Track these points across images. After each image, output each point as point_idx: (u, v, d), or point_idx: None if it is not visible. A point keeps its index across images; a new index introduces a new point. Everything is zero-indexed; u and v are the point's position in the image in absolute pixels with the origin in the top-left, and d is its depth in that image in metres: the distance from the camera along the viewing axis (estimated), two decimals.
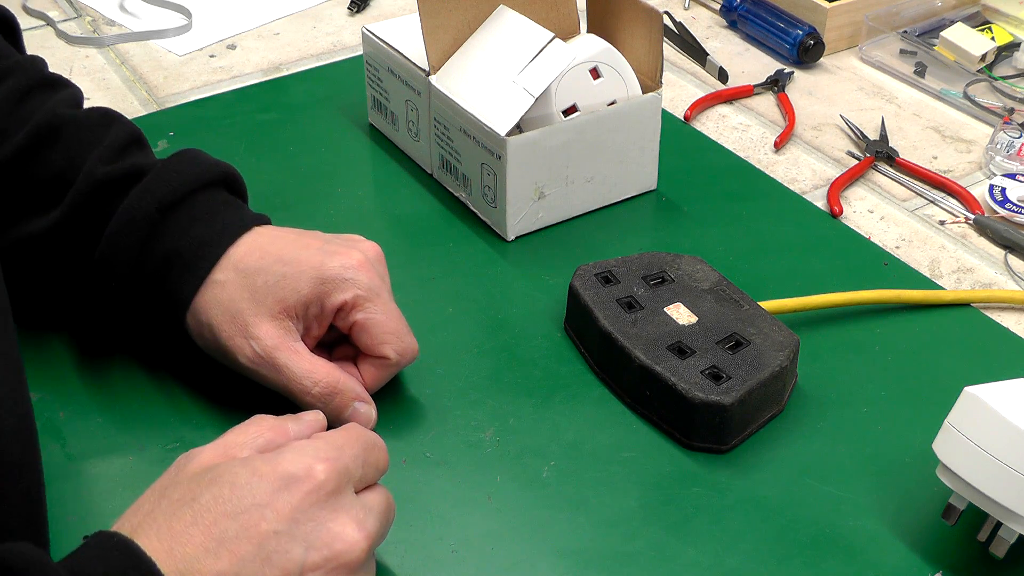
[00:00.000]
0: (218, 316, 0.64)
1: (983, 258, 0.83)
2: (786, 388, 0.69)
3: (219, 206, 0.67)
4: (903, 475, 0.65)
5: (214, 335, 0.65)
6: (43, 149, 0.68)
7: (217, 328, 0.64)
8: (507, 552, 0.60)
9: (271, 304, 0.64)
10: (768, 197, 0.88)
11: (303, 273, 0.64)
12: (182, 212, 0.66)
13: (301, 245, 0.66)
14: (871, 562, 0.60)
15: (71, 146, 0.68)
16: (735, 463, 0.65)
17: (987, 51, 1.02)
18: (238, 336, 0.64)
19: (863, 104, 1.00)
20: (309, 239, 0.67)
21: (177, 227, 0.66)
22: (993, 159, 0.92)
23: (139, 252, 0.66)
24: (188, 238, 0.66)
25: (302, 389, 0.64)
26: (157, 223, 0.66)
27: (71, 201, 0.66)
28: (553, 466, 0.65)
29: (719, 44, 1.10)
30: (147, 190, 0.66)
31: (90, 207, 0.66)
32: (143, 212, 0.65)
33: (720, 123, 0.98)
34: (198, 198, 0.67)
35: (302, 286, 0.64)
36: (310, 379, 0.64)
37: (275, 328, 0.64)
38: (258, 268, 0.65)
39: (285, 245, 0.66)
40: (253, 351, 0.64)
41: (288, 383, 0.64)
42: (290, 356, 0.64)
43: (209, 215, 0.66)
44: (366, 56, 0.91)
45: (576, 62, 0.79)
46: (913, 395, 0.70)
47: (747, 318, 0.69)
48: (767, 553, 0.60)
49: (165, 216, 0.66)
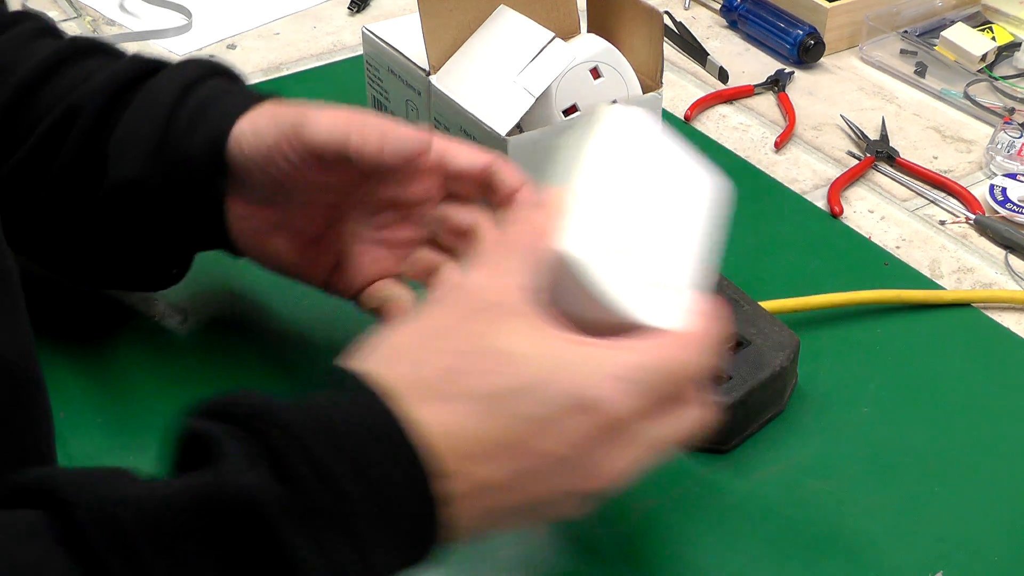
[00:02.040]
0: (270, 124, 0.61)
1: (983, 258, 0.83)
2: (786, 388, 0.69)
3: (234, 87, 0.66)
4: (903, 475, 0.65)
5: (268, 138, 0.61)
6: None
7: (272, 129, 0.61)
8: (507, 552, 0.60)
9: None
10: (768, 197, 0.88)
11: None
12: (199, 90, 0.64)
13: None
14: (871, 562, 0.60)
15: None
16: (735, 463, 0.65)
17: (987, 51, 1.02)
18: (297, 123, 0.60)
19: (863, 104, 1.00)
20: None
21: (197, 97, 0.63)
22: (993, 159, 0.92)
23: (167, 118, 0.63)
24: (212, 102, 0.63)
25: (399, 143, 0.59)
26: (177, 100, 0.63)
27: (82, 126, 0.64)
28: None
29: (719, 44, 1.09)
30: (163, 78, 0.64)
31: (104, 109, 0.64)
32: (163, 95, 0.63)
33: (720, 123, 0.98)
34: (208, 82, 0.65)
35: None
36: (405, 131, 0.60)
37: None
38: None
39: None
40: (322, 121, 0.59)
41: (380, 138, 0.59)
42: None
43: (225, 90, 0.65)
44: (366, 56, 0.91)
45: (576, 62, 0.79)
46: (913, 395, 0.70)
47: (747, 318, 0.69)
48: (767, 553, 0.60)
49: (187, 92, 0.64)
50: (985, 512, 0.63)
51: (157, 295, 0.74)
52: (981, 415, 0.69)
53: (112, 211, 0.64)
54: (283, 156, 0.60)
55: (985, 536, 0.62)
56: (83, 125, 0.63)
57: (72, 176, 0.64)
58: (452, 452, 0.44)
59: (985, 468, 0.66)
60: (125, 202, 0.63)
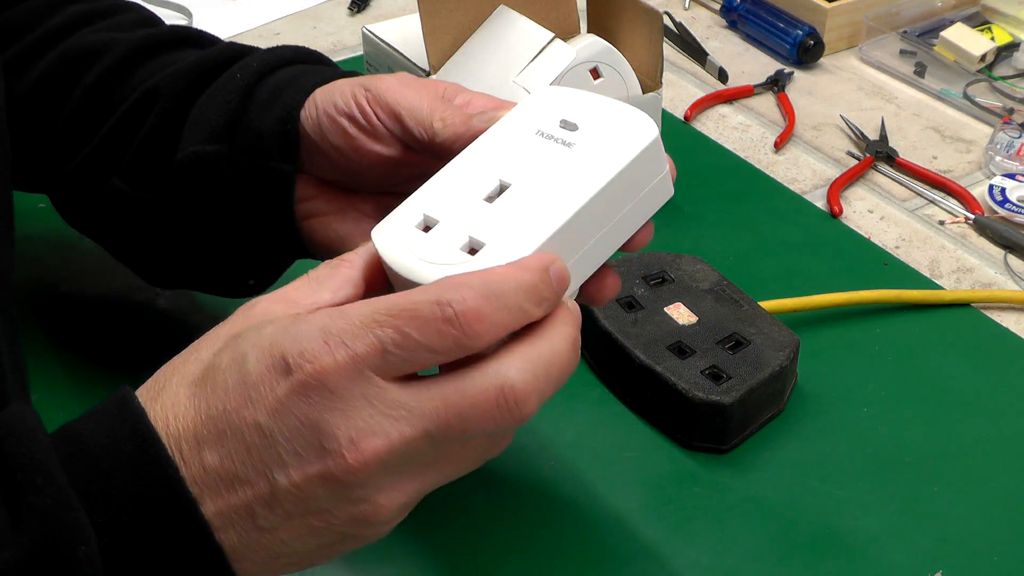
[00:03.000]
0: (345, 83, 0.59)
1: (983, 258, 0.83)
2: (786, 388, 0.69)
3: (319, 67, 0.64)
4: (903, 475, 0.65)
5: (338, 108, 0.58)
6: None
7: (347, 85, 0.59)
8: (507, 552, 0.60)
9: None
10: (768, 197, 0.88)
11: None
12: (282, 71, 0.62)
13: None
14: (871, 562, 0.60)
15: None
16: (735, 463, 0.65)
17: (987, 51, 1.02)
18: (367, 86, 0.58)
19: (863, 104, 1.00)
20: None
21: (278, 77, 0.62)
22: (993, 159, 0.92)
23: (241, 96, 0.61)
24: (292, 80, 0.61)
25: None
26: (257, 79, 0.62)
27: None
28: (553, 466, 0.65)
29: (719, 44, 1.09)
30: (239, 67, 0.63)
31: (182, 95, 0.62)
32: (244, 75, 0.62)
33: (720, 123, 0.98)
34: (294, 65, 0.63)
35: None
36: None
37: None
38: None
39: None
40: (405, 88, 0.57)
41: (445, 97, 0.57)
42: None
43: (309, 70, 0.63)
44: (366, 56, 0.91)
45: (576, 62, 0.79)
46: (913, 395, 0.70)
47: (747, 318, 0.69)
48: (767, 553, 0.60)
49: (269, 71, 0.62)
50: (985, 512, 0.63)
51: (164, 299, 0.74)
52: (981, 415, 0.69)
53: (181, 190, 0.61)
54: (360, 110, 0.57)
55: (985, 536, 0.62)
56: (161, 107, 0.62)
57: (147, 157, 0.62)
58: (171, 438, 0.42)
59: (985, 468, 0.66)
60: (193, 179, 0.61)
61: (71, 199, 0.67)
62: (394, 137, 0.58)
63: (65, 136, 0.65)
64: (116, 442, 0.42)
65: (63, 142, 0.65)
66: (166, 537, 0.41)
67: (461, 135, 0.54)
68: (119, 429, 0.42)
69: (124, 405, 0.43)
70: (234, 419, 0.42)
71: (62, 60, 0.65)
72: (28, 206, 0.82)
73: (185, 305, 0.75)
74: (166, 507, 0.41)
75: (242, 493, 0.42)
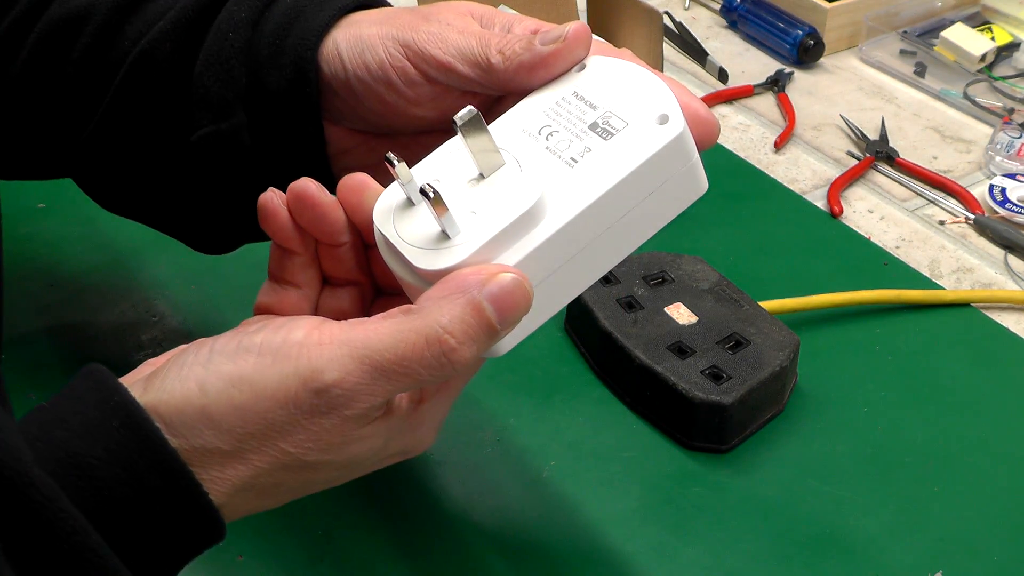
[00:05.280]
0: (375, 36, 0.53)
1: (983, 258, 0.83)
2: (786, 388, 0.69)
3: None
4: (903, 475, 0.65)
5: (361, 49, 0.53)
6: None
7: (364, 40, 0.53)
8: (507, 552, 0.60)
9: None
10: (768, 197, 0.88)
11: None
12: (275, 8, 0.57)
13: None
14: (871, 562, 0.60)
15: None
16: (735, 463, 0.65)
17: (987, 51, 1.02)
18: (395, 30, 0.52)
19: (863, 104, 1.00)
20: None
21: (274, 20, 0.57)
22: (993, 159, 0.92)
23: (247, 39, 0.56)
24: (291, 22, 0.56)
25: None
26: (252, 28, 0.57)
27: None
28: (553, 466, 0.65)
29: (719, 44, 1.10)
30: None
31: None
32: (238, 30, 0.56)
33: (720, 123, 0.97)
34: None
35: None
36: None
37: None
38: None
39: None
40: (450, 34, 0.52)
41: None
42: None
43: (303, 5, 0.57)
44: None
45: None
46: (913, 395, 0.70)
47: (747, 318, 0.69)
48: (767, 553, 0.60)
49: (261, 16, 0.57)
50: (985, 512, 0.63)
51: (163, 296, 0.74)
52: (981, 415, 0.69)
53: (203, 166, 0.58)
54: (401, 73, 0.52)
55: (985, 536, 0.62)
56: (158, 77, 0.58)
57: (156, 133, 0.59)
58: (177, 415, 0.43)
59: (985, 468, 0.66)
60: (214, 156, 0.57)
61: (93, 177, 0.63)
62: (444, 90, 0.53)
63: (68, 112, 0.61)
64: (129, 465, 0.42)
65: (67, 118, 0.62)
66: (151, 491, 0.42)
67: (525, 64, 0.50)
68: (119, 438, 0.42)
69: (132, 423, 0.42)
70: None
71: (47, 34, 0.61)
72: (28, 206, 0.82)
73: (185, 305, 0.75)
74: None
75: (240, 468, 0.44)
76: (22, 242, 0.80)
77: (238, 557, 0.59)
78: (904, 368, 0.72)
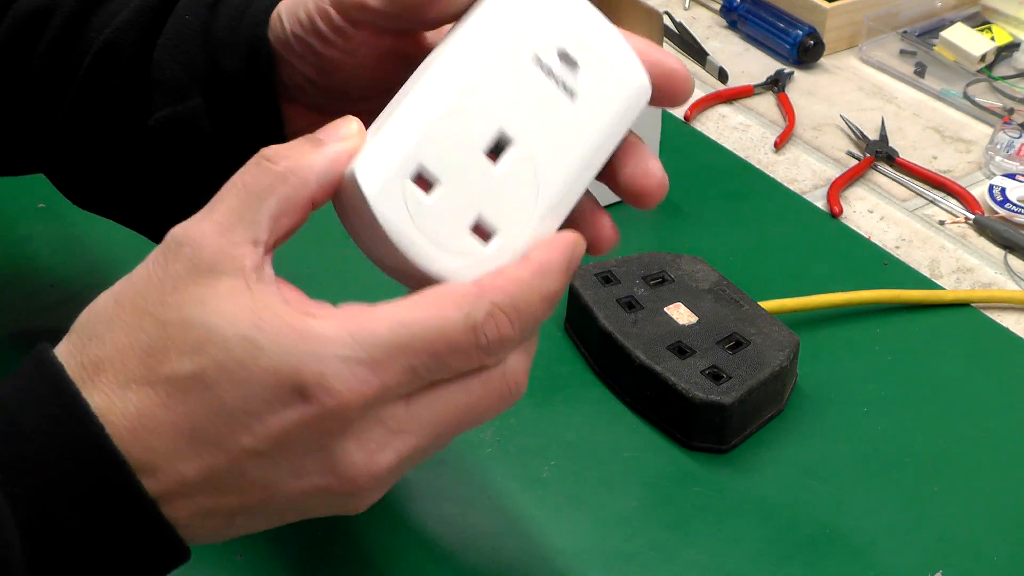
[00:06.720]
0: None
1: (983, 258, 0.83)
2: (786, 388, 0.69)
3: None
4: (903, 475, 0.65)
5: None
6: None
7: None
8: (507, 552, 0.60)
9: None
10: (768, 197, 0.88)
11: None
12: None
13: None
14: (871, 562, 0.60)
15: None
16: (735, 463, 0.65)
17: (987, 51, 1.02)
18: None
19: (863, 104, 1.00)
20: None
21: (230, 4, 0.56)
22: (993, 159, 0.92)
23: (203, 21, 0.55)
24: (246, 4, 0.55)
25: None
26: (208, 15, 0.56)
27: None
28: (553, 466, 0.65)
29: (719, 44, 1.10)
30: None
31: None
32: (193, 17, 0.56)
33: (720, 123, 0.98)
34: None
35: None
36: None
37: None
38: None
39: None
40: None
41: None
42: None
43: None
44: None
45: None
46: (913, 395, 0.70)
47: (747, 318, 0.69)
48: (767, 553, 0.60)
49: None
50: (985, 512, 0.63)
51: None
52: (981, 415, 0.69)
53: (162, 151, 0.57)
54: (324, 18, 0.50)
55: (985, 536, 0.62)
56: (121, 65, 0.57)
57: (120, 121, 0.58)
58: (139, 444, 0.40)
59: (985, 468, 0.66)
60: (172, 139, 0.56)
61: (63, 171, 0.63)
62: (374, 36, 0.51)
63: (36, 105, 0.61)
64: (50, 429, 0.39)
65: (36, 112, 0.61)
66: (106, 515, 0.39)
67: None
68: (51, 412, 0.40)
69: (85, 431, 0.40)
70: (226, 441, 0.40)
71: (13, 28, 0.61)
72: (28, 206, 0.82)
73: None
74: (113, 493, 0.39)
75: (224, 500, 0.41)
76: (22, 242, 0.80)
77: (237, 557, 0.59)
78: (904, 368, 0.72)
